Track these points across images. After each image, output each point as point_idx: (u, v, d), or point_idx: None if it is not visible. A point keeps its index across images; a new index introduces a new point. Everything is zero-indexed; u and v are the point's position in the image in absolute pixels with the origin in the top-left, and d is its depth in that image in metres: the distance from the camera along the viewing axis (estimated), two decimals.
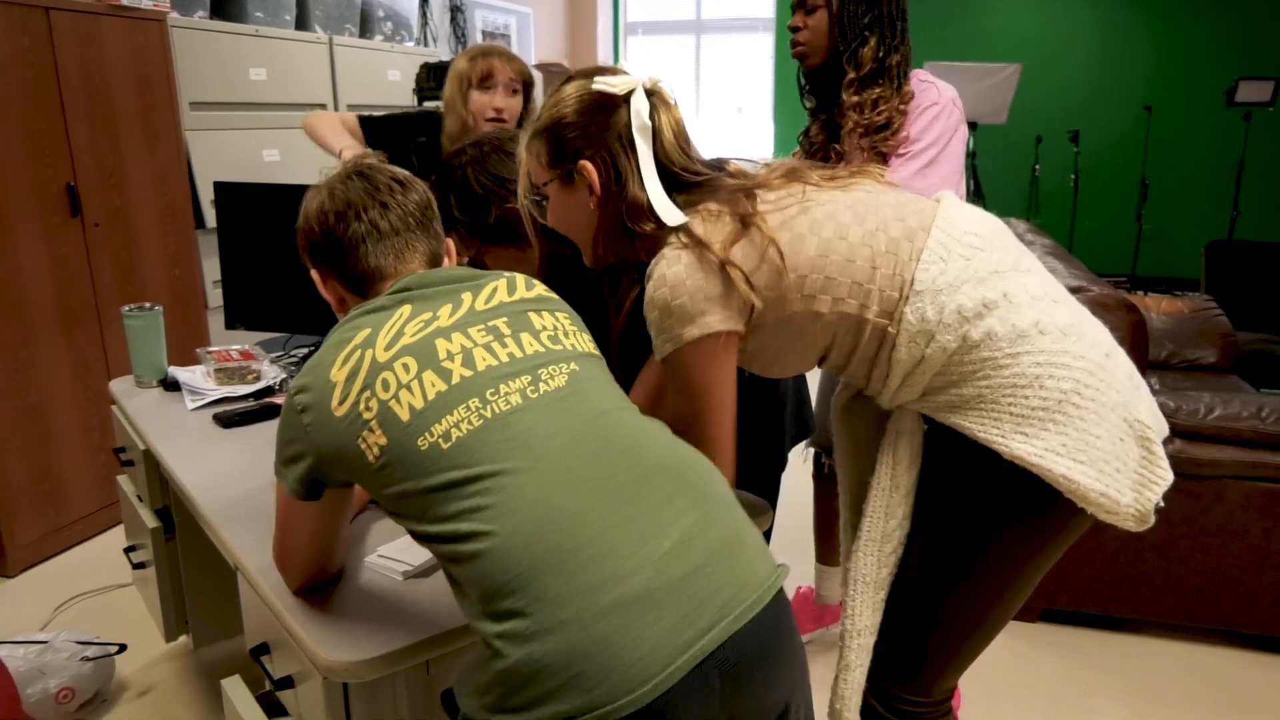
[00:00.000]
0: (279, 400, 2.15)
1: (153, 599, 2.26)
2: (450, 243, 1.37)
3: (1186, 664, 2.50)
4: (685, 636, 0.98)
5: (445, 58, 5.48)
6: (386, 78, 4.66)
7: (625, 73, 1.37)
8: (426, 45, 5.82)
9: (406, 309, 1.17)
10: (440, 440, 1.05)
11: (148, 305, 2.31)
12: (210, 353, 2.30)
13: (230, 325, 2.53)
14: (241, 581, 1.47)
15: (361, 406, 1.09)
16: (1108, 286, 2.53)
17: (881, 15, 1.89)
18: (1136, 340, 2.41)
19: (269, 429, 2.01)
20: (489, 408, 1.07)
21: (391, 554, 1.40)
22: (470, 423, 1.06)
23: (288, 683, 1.36)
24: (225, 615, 2.28)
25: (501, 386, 1.09)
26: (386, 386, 1.09)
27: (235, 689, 1.52)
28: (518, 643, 0.96)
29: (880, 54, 1.89)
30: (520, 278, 1.26)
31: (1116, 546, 2.53)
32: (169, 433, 1.99)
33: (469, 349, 1.12)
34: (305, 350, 2.52)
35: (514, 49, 7.10)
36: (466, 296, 1.19)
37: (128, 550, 2.34)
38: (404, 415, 1.07)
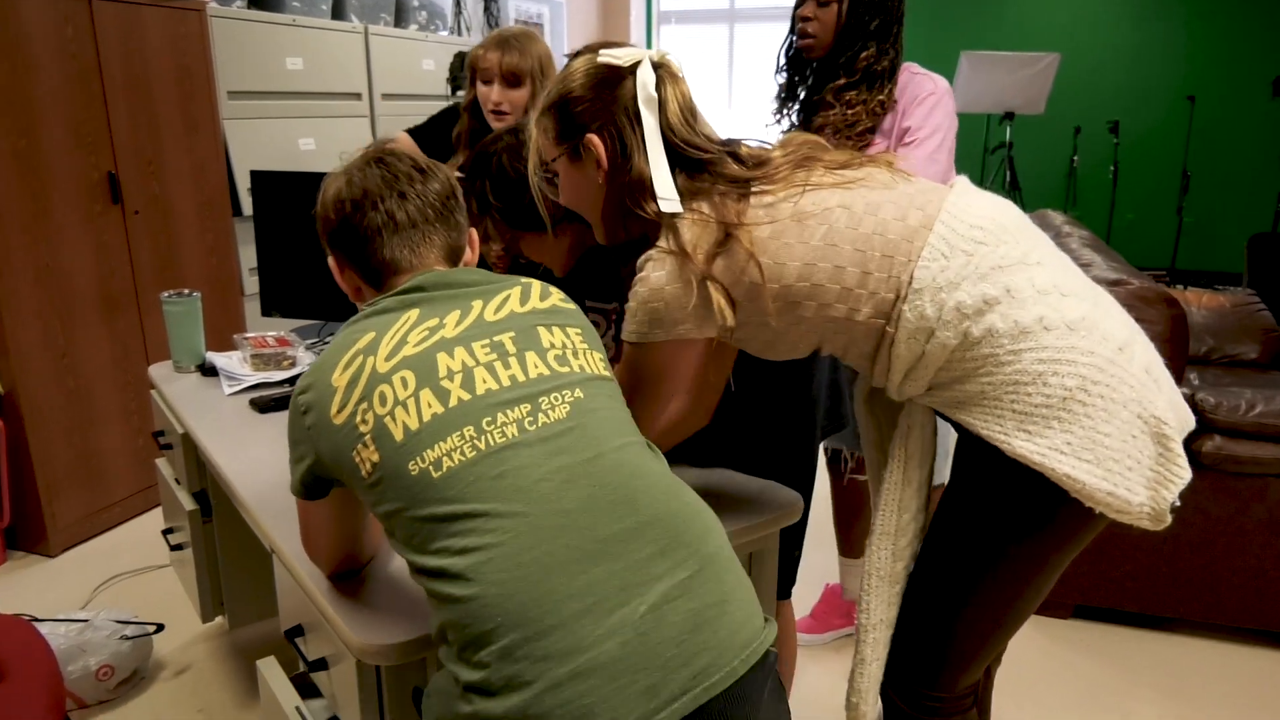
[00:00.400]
0: None
1: (190, 580, 2.30)
2: (473, 233, 1.35)
3: (1224, 665, 2.47)
4: (650, 705, 0.94)
5: None
6: (421, 67, 4.68)
7: (633, 46, 1.37)
8: (460, 34, 5.84)
9: (414, 313, 1.15)
10: (431, 467, 1.02)
11: (186, 291, 2.34)
12: (247, 339, 2.33)
13: (266, 312, 2.55)
14: (277, 564, 1.50)
15: (358, 418, 1.08)
16: (1147, 280, 2.49)
17: (886, 20, 1.90)
18: (1176, 335, 2.38)
19: None
20: (484, 438, 1.03)
21: None
22: (463, 453, 1.02)
23: (322, 664, 1.38)
24: (260, 597, 2.31)
25: (499, 415, 1.05)
26: (384, 400, 1.06)
27: (270, 670, 1.54)
28: (483, 696, 0.96)
29: (871, 61, 1.91)
30: (536, 285, 1.23)
31: (1153, 544, 2.50)
32: (206, 417, 2.02)
33: (470, 368, 1.08)
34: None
35: (546, 39, 7.11)
36: (477, 304, 1.16)
37: (166, 532, 2.38)
38: (398, 434, 1.05)
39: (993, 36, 7.45)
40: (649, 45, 8.40)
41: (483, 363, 1.09)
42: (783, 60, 2.05)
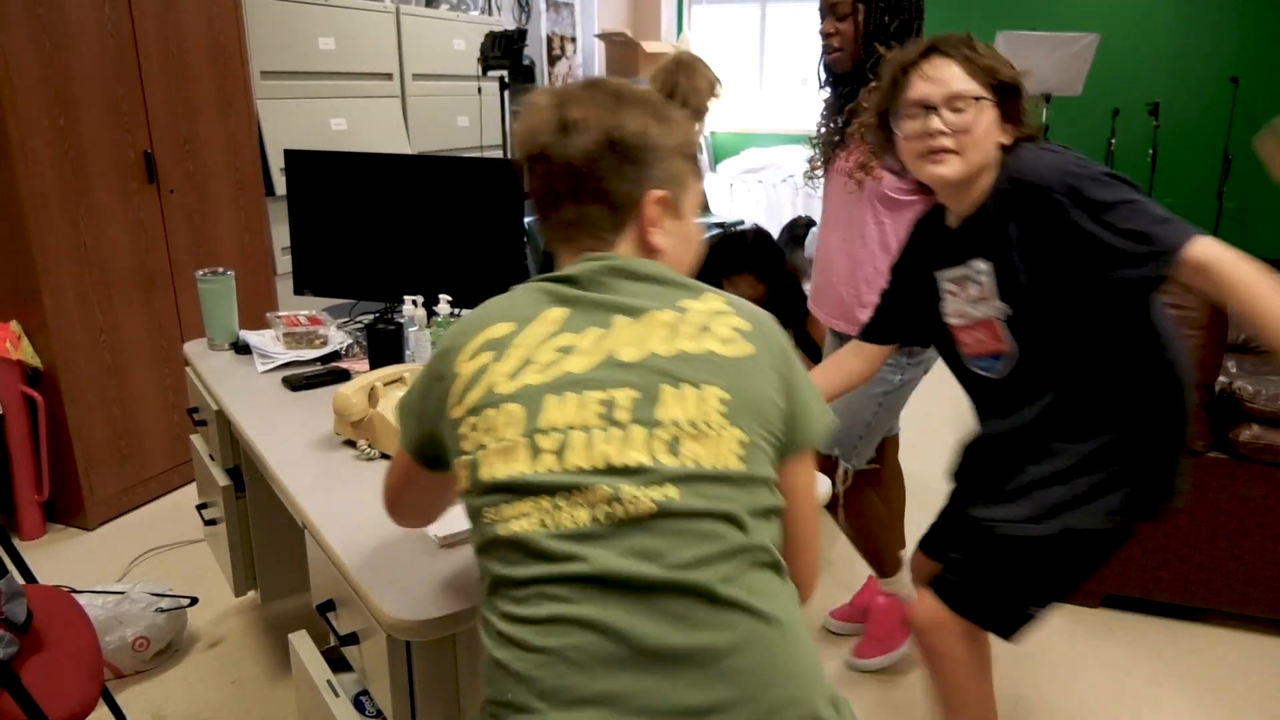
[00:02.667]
0: (345, 365, 2.20)
1: (223, 554, 2.33)
2: (688, 196, 1.13)
3: (1257, 656, 2.45)
4: None
5: (509, 27, 5.49)
6: (452, 47, 4.69)
7: None
8: (491, 14, 5.84)
9: (557, 315, 1.03)
10: (499, 525, 0.97)
11: (220, 270, 2.37)
12: (279, 317, 2.36)
13: (299, 291, 2.58)
14: (309, 539, 1.52)
15: (463, 429, 1.02)
16: None
17: (906, 21, 1.91)
18: (1215, 322, 2.35)
19: (334, 393, 2.05)
20: (552, 518, 0.94)
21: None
22: (532, 523, 0.95)
23: (352, 639, 1.40)
24: (292, 572, 2.34)
25: (576, 496, 0.95)
26: (488, 429, 0.99)
27: (302, 643, 1.57)
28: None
29: None
30: (707, 310, 1.04)
31: (1187, 533, 2.47)
32: (240, 394, 2.04)
33: (568, 431, 0.97)
34: (372, 316, 2.57)
35: (577, 19, 7.09)
36: (621, 325, 1.02)
37: (200, 507, 2.42)
38: (483, 475, 0.99)
39: (1030, 16, 7.34)
40: (680, 26, 8.35)
41: (579, 425, 0.97)
42: (821, 79, 2.08)
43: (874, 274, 2.07)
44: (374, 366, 2.05)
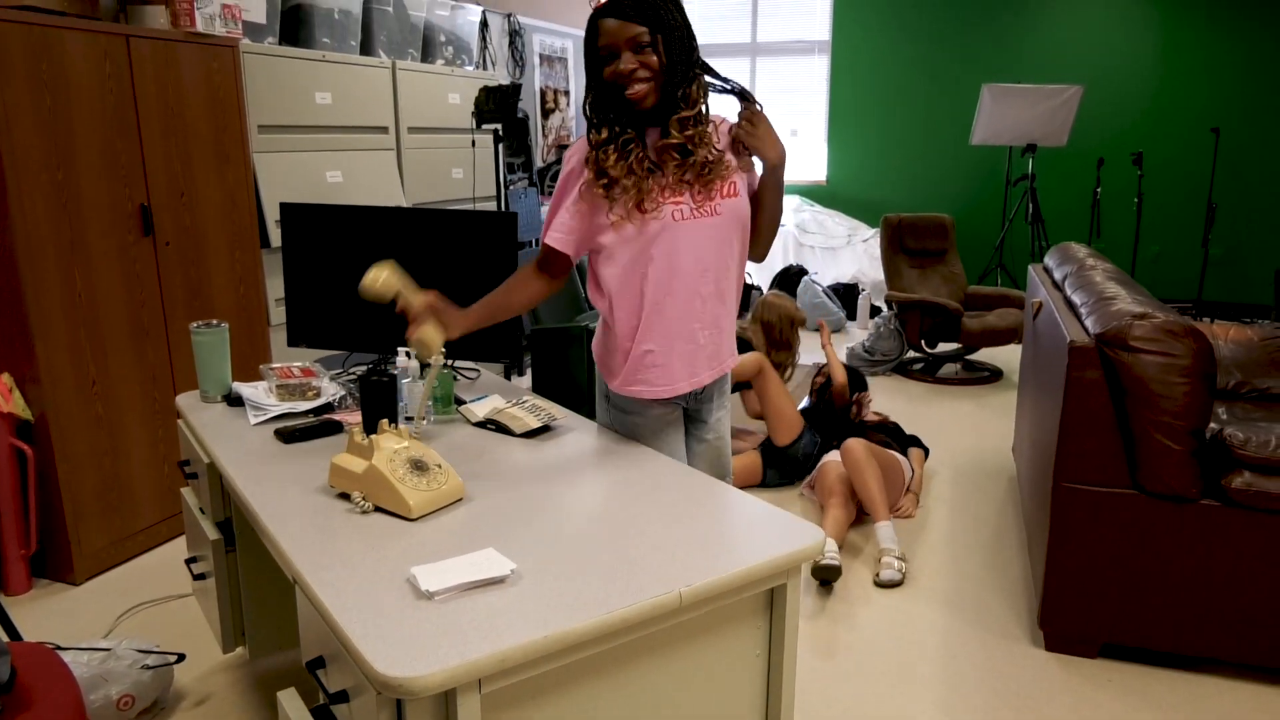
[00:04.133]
0: (339, 417, 2.19)
1: (212, 610, 2.30)
2: None
3: (1258, 706, 2.42)
4: None
5: (504, 81, 5.56)
6: (447, 100, 4.74)
7: None
8: (486, 69, 5.91)
9: None
10: None
11: (214, 322, 2.36)
12: (273, 369, 2.35)
13: (293, 343, 2.58)
14: (299, 595, 1.50)
15: None
16: (1172, 313, 2.48)
17: (693, 47, 1.90)
18: (1203, 369, 2.36)
19: (328, 445, 2.04)
20: None
21: (422, 574, 1.41)
22: None
23: (342, 697, 1.38)
24: (281, 628, 2.31)
25: None
26: None
27: (290, 701, 1.54)
28: None
29: (698, 89, 1.92)
30: None
31: (1184, 581, 2.46)
32: (232, 447, 2.03)
33: None
34: (366, 367, 2.56)
35: (570, 72, 7.19)
36: None
37: (189, 561, 2.39)
38: None
39: (1015, 69, 7.46)
40: None
41: None
42: (590, 114, 1.95)
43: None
44: (367, 419, 2.04)
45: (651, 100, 1.87)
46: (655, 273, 1.91)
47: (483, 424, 2.14)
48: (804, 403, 4.20)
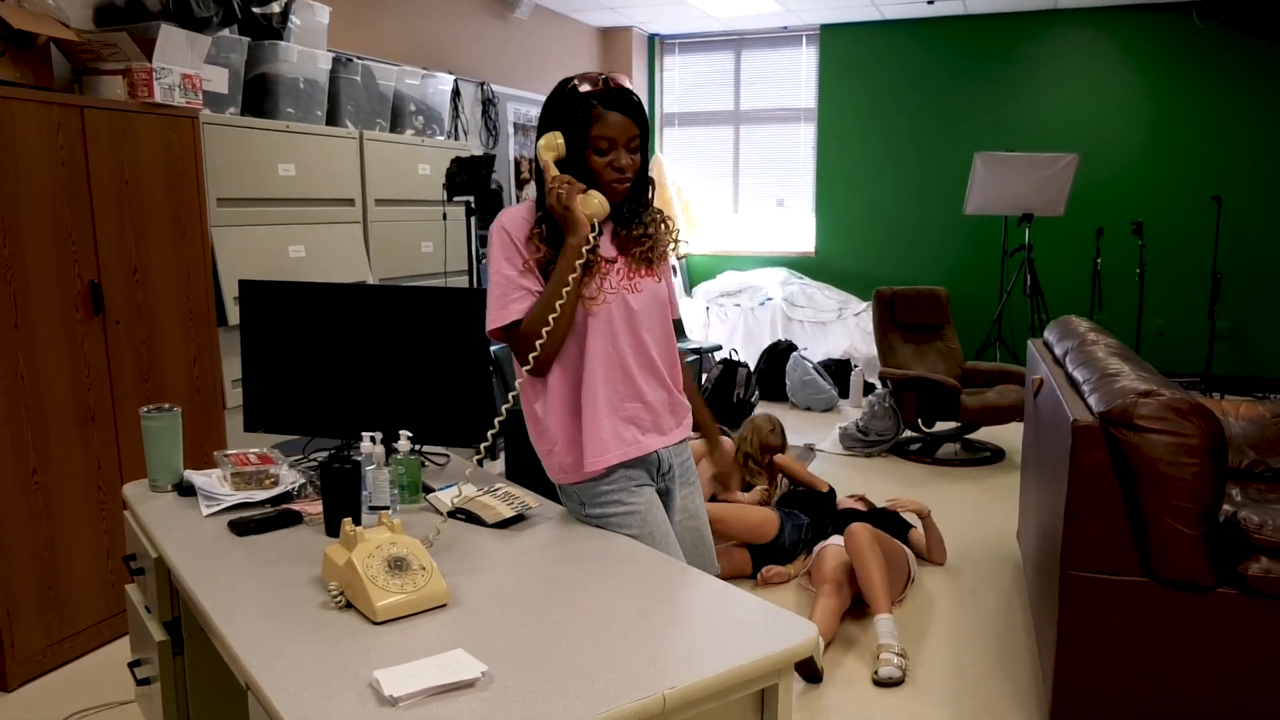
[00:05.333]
0: (298, 506, 2.17)
1: (156, 718, 2.25)
2: None
3: None
4: None
5: (476, 151, 5.65)
6: (417, 171, 4.81)
7: None
8: (458, 138, 6.01)
9: None
10: None
11: (166, 406, 2.36)
12: (227, 456, 2.34)
13: (250, 427, 2.57)
14: (252, 701, 1.47)
15: None
16: (1179, 389, 2.51)
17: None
18: (1213, 449, 2.38)
19: (286, 538, 2.02)
20: None
21: (385, 678, 1.39)
22: None
23: None
24: None
25: None
26: None
27: None
28: None
29: (651, 188, 2.16)
30: None
31: (1201, 672, 2.44)
32: (182, 540, 2.01)
33: None
34: (327, 453, 2.55)
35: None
36: None
37: (132, 665, 2.34)
38: None
39: (1008, 136, 7.65)
40: (651, 148, 8.63)
41: None
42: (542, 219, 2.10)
43: None
44: (328, 508, 2.03)
45: (621, 199, 2.07)
46: (603, 343, 2.05)
47: (452, 513, 2.13)
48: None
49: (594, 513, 2.09)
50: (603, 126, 1.97)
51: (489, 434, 1.99)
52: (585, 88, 1.98)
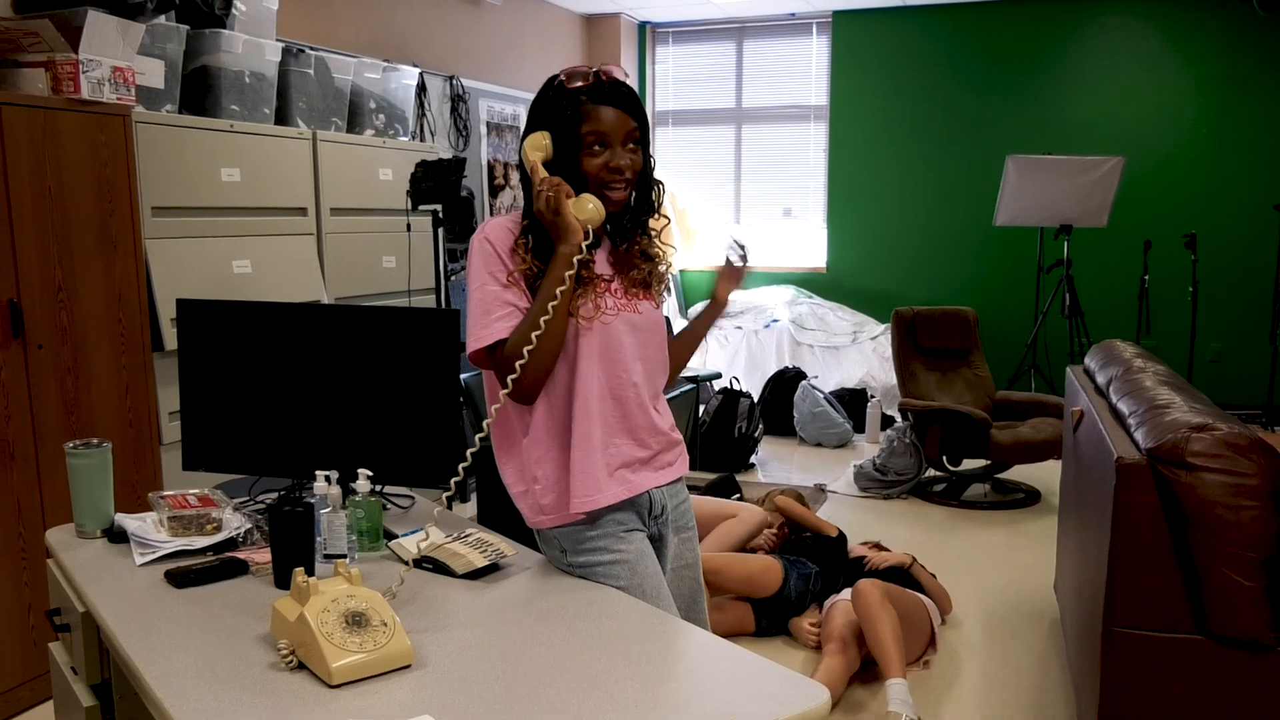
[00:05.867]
0: (243, 555, 2.19)
1: None
2: None
3: None
4: None
5: (444, 154, 5.69)
6: (377, 177, 4.84)
7: None
8: (424, 139, 6.05)
9: None
10: None
11: (94, 441, 2.37)
12: (164, 498, 2.35)
13: (189, 465, 2.58)
14: None
15: None
16: (1236, 423, 2.53)
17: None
18: (1274, 489, 2.39)
19: (230, 590, 2.03)
20: None
21: None
22: None
23: None
24: None
25: None
26: None
27: None
28: None
29: (658, 192, 2.18)
30: None
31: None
32: (113, 592, 2.02)
33: None
34: (277, 495, 2.57)
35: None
36: None
37: None
38: None
39: (1044, 138, 7.70)
40: None
41: None
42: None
43: None
44: (277, 556, 2.04)
45: (620, 205, 2.07)
46: (598, 369, 2.06)
47: (418, 562, 2.15)
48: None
49: (577, 561, 2.10)
50: (594, 122, 1.98)
51: (460, 469, 1.99)
52: (575, 83, 2.00)
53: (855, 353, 7.64)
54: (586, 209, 1.97)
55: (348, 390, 2.43)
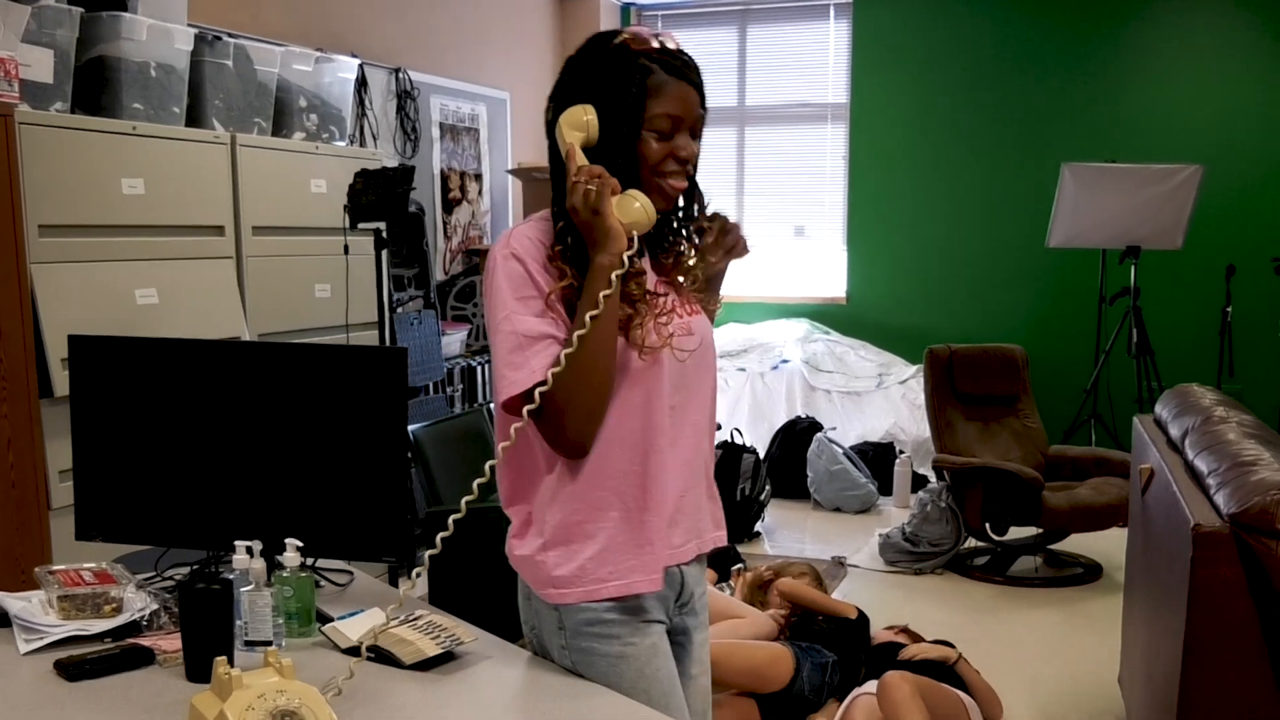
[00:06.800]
0: (148, 641, 2.19)
1: None
2: None
3: None
4: None
5: (389, 162, 5.71)
6: (308, 189, 4.84)
7: None
8: (364, 144, 6.07)
9: None
10: None
11: None
12: (53, 573, 2.35)
13: (84, 534, 2.58)
14: None
15: None
16: None
17: None
18: None
19: (134, 683, 2.04)
20: None
21: None
22: None
23: None
24: None
25: None
26: None
27: None
28: None
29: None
30: None
31: None
32: None
33: None
34: (188, 570, 2.57)
35: (483, 149, 7.41)
36: None
37: None
38: None
39: (1107, 143, 7.70)
40: None
41: None
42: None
43: None
44: (189, 643, 2.05)
45: (673, 204, 2.07)
46: (644, 408, 2.00)
47: (356, 650, 2.16)
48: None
49: (577, 645, 2.04)
50: (665, 101, 1.93)
51: (442, 538, 2.00)
52: (645, 48, 1.94)
53: (881, 400, 7.65)
54: (633, 210, 1.91)
55: (274, 445, 2.44)
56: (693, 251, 2.13)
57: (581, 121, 1.92)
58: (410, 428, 3.98)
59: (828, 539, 6.24)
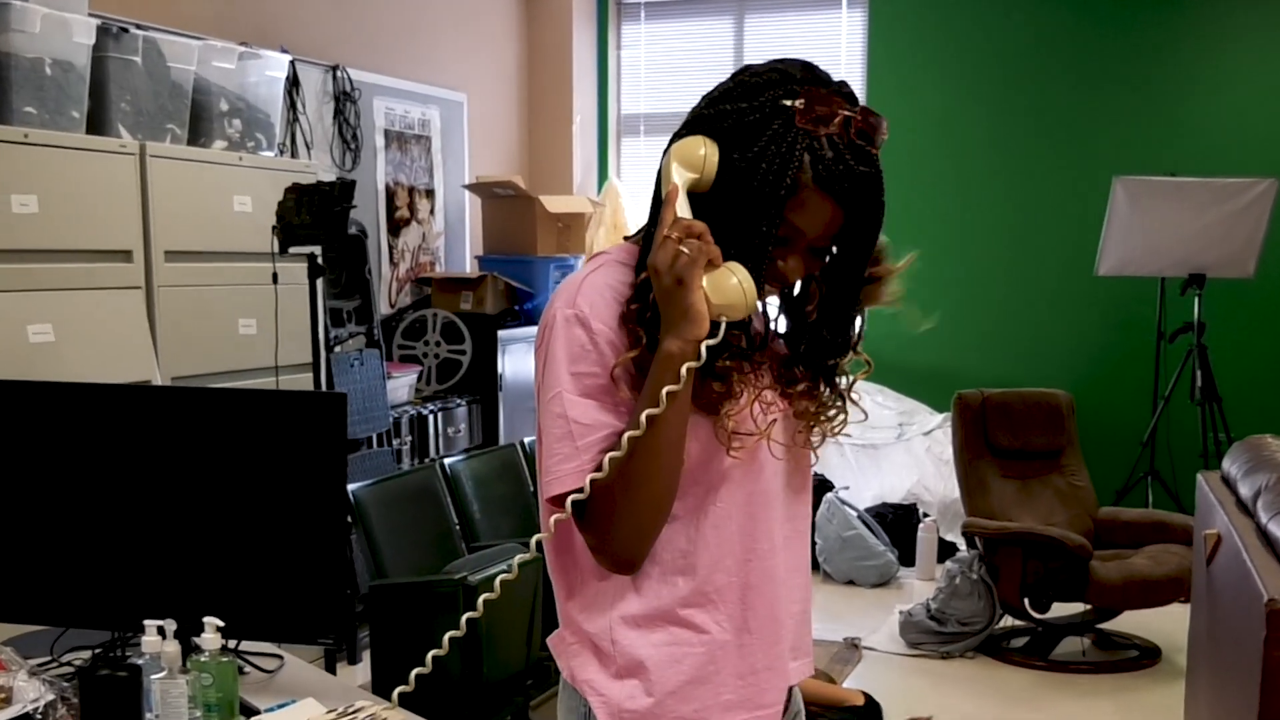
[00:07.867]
0: None
1: None
2: None
3: None
4: None
5: (325, 175, 5.71)
6: (232, 207, 4.84)
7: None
8: (297, 154, 6.05)
9: None
10: None
11: None
12: None
13: None
14: None
15: None
16: None
17: None
18: None
19: None
20: None
21: None
22: None
23: None
24: None
25: None
26: None
27: None
28: None
29: None
30: None
31: None
32: None
33: None
34: (86, 657, 2.58)
35: (436, 161, 7.41)
36: None
37: None
38: None
39: (1165, 154, 7.63)
40: (603, 170, 8.73)
41: None
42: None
43: None
44: None
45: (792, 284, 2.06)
46: (749, 511, 1.97)
47: None
48: None
49: None
50: (806, 213, 1.81)
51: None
52: (815, 123, 1.76)
53: (902, 453, 7.65)
54: (728, 288, 1.71)
55: (190, 508, 2.44)
56: (837, 399, 2.17)
57: (696, 157, 1.75)
58: (350, 487, 3.97)
59: (839, 617, 6.24)
